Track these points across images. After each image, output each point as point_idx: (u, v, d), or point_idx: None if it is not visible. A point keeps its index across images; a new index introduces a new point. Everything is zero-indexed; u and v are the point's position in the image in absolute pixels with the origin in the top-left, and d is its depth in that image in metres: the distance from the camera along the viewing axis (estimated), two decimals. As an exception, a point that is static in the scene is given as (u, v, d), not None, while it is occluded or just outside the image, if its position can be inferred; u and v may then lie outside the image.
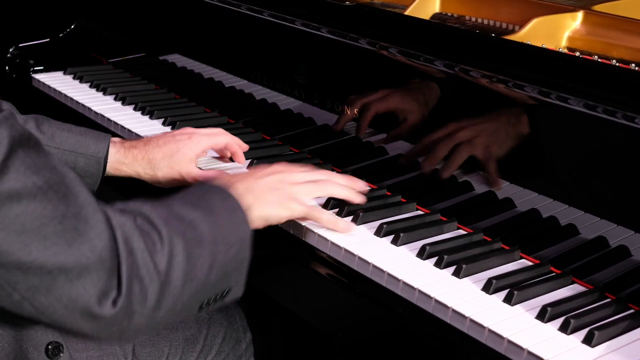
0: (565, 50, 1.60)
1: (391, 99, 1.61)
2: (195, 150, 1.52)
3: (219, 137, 1.57)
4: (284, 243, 1.38)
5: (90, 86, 2.08)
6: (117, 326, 0.99)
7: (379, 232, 1.34)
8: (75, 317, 0.96)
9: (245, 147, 1.61)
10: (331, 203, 1.41)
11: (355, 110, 1.66)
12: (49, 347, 1.21)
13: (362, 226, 1.36)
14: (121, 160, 1.49)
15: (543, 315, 1.12)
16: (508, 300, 1.16)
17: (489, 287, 1.19)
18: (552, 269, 1.26)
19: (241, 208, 1.16)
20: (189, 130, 1.57)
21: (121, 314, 0.98)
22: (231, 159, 1.62)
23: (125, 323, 0.99)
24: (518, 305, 1.16)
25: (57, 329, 1.01)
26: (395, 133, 1.60)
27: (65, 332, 1.01)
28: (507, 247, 1.31)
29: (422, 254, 1.28)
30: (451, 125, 1.47)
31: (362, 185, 1.41)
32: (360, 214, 1.37)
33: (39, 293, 0.94)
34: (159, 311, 1.02)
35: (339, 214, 1.39)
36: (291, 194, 1.30)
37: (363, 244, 1.31)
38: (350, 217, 1.38)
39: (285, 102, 1.87)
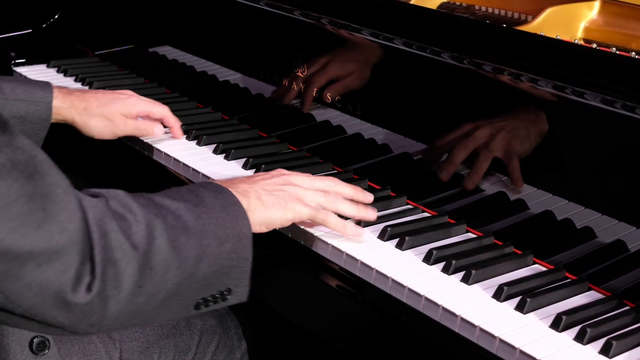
0: (581, 42, 1.60)
1: (392, 91, 1.62)
2: (130, 109, 1.66)
3: (156, 107, 1.70)
4: (281, 247, 1.38)
5: (76, 80, 2.08)
6: (95, 315, 0.99)
7: (383, 236, 1.34)
8: (47, 305, 0.96)
9: (179, 126, 1.73)
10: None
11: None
12: (34, 341, 1.22)
13: (365, 229, 1.36)
14: (59, 105, 1.61)
15: (558, 324, 1.12)
16: (520, 308, 1.16)
17: (500, 294, 1.19)
18: (567, 274, 1.26)
19: (239, 203, 1.15)
20: (129, 92, 1.71)
21: (96, 300, 0.97)
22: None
23: (102, 311, 0.99)
24: (531, 314, 1.16)
25: (33, 321, 1.00)
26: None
27: (42, 323, 1.00)
28: (519, 252, 1.31)
29: (429, 258, 1.28)
30: (462, 124, 1.47)
31: (368, 197, 1.39)
32: (363, 216, 1.37)
33: (7, 280, 0.94)
34: (138, 297, 1.01)
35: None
36: (294, 194, 1.28)
37: (366, 248, 1.31)
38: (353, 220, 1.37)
39: (283, 97, 1.87)
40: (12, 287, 0.94)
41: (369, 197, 1.39)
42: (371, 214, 1.37)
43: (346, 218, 1.35)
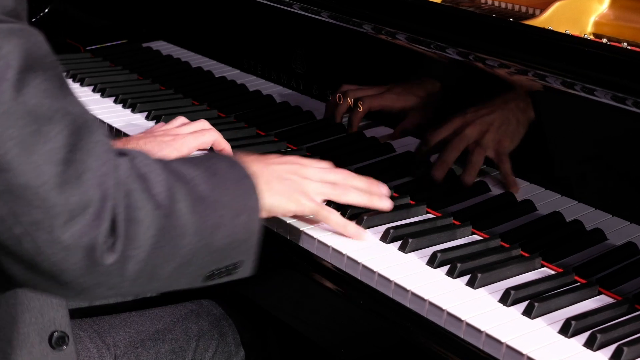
0: (591, 37, 1.60)
1: (397, 90, 1.61)
2: (182, 152, 1.55)
3: (206, 136, 1.59)
4: (279, 249, 1.38)
5: (66, 76, 2.07)
6: (116, 277, 1.01)
7: (385, 238, 1.34)
8: (74, 259, 0.98)
9: (229, 149, 1.63)
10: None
11: (360, 104, 1.65)
12: (54, 334, 1.21)
13: (366, 231, 1.36)
14: None
15: (567, 329, 1.12)
16: (528, 312, 1.16)
17: (507, 299, 1.19)
18: (577, 278, 1.26)
19: (250, 177, 1.17)
20: (172, 131, 1.60)
21: (119, 260, 1.00)
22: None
23: (123, 272, 1.01)
24: (539, 319, 1.16)
25: (50, 281, 1.01)
26: (403, 128, 1.60)
27: (63, 284, 1.01)
28: (526, 255, 1.31)
29: (433, 261, 1.28)
30: (467, 120, 1.47)
31: (385, 191, 1.41)
32: (365, 217, 1.37)
33: (40, 230, 0.96)
34: (156, 259, 1.03)
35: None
36: (302, 187, 1.32)
37: (368, 251, 1.31)
38: (354, 221, 1.37)
39: (281, 93, 1.87)
40: (45, 237, 0.96)
41: (384, 189, 1.41)
42: (385, 203, 1.38)
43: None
